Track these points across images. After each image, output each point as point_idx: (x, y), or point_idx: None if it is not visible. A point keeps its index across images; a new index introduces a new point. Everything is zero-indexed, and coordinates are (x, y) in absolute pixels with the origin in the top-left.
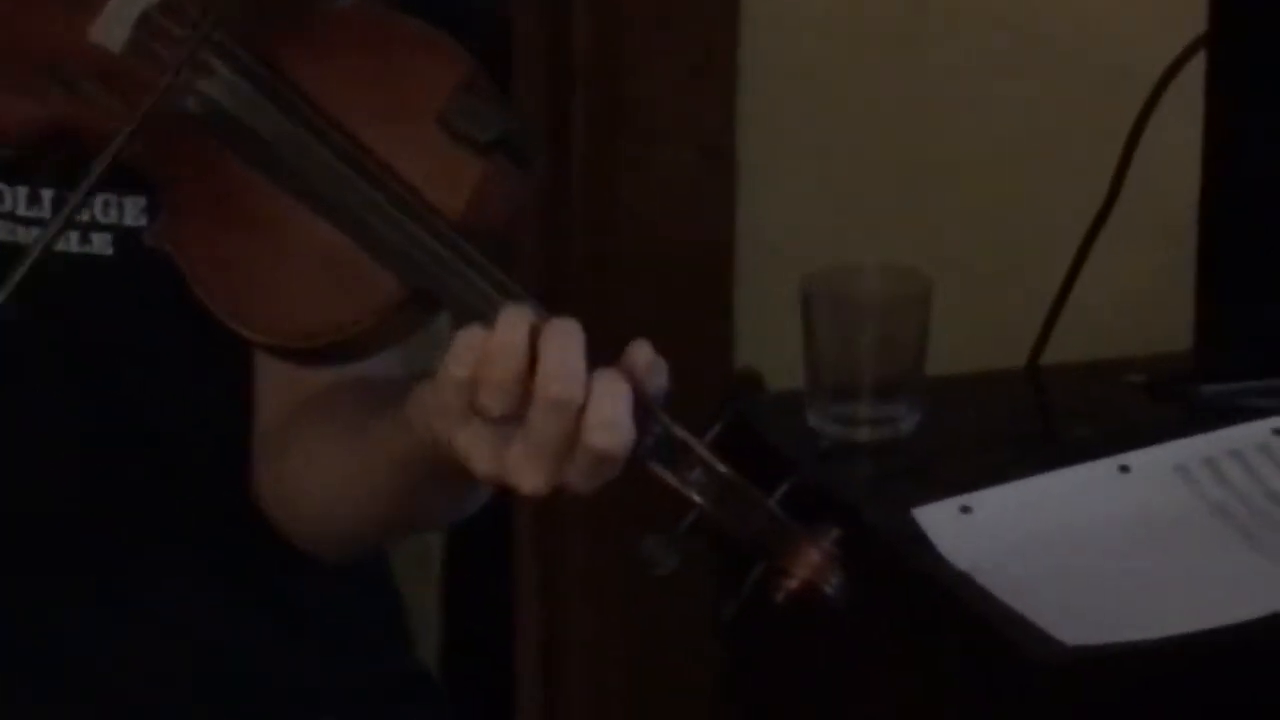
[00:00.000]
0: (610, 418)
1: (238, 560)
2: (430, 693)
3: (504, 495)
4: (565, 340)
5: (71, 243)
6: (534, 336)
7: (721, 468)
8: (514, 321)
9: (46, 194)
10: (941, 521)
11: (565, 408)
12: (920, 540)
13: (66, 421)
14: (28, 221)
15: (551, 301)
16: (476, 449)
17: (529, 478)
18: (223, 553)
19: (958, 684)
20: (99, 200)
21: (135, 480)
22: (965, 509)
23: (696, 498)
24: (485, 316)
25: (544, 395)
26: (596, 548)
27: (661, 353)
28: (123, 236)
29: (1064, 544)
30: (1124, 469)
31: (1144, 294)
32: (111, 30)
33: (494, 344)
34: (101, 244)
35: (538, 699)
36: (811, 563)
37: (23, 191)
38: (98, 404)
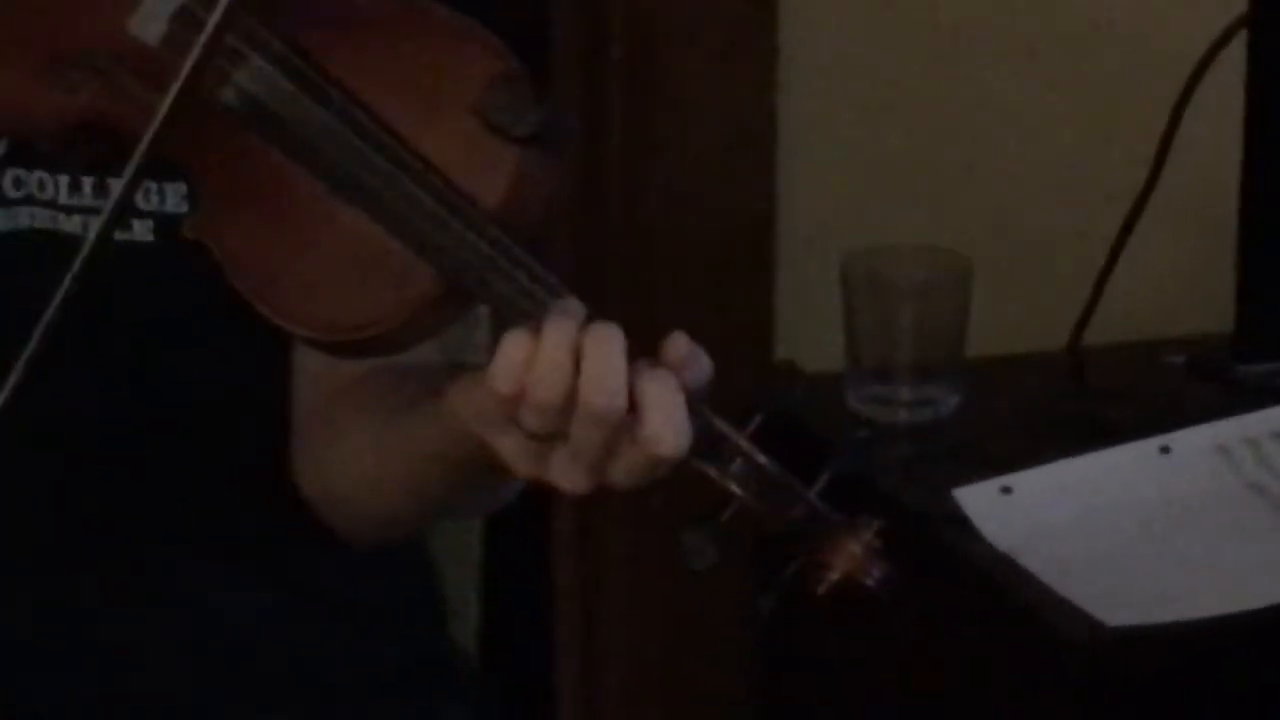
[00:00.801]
0: (668, 424)
1: (271, 545)
2: (466, 676)
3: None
4: (607, 349)
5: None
6: (578, 342)
7: (761, 459)
8: (559, 340)
9: (87, 182)
10: (982, 502)
11: (606, 419)
12: (960, 521)
13: (104, 406)
14: (69, 209)
15: (589, 285)
16: (519, 455)
17: (571, 481)
18: (257, 538)
19: (997, 664)
20: (140, 187)
21: (171, 465)
22: (1005, 490)
23: (736, 490)
24: (523, 310)
25: (586, 408)
26: (636, 534)
27: (700, 335)
28: (163, 223)
29: (1104, 525)
30: (1164, 450)
31: (1184, 275)
32: (148, 24)
33: (540, 365)
34: (142, 230)
35: (576, 683)
36: (852, 555)
37: (64, 180)
38: (136, 389)
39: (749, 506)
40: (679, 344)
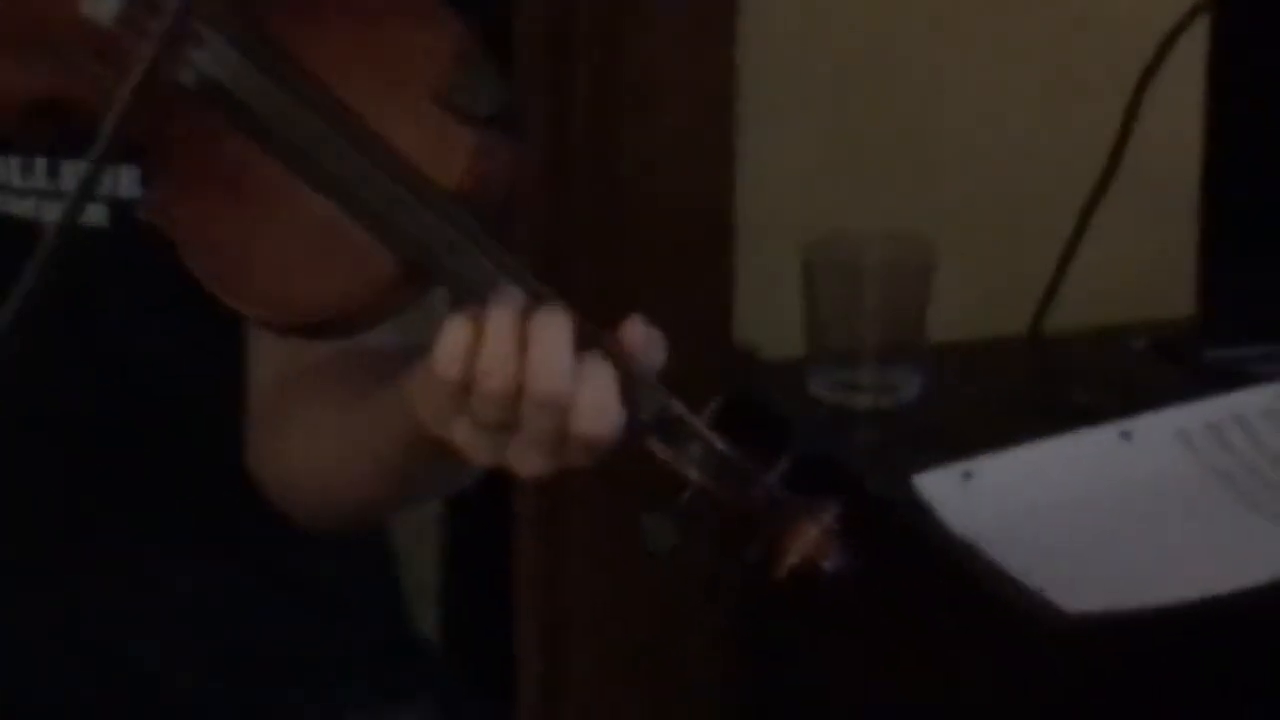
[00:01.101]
0: (596, 404)
1: (236, 532)
2: (430, 663)
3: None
4: (552, 334)
5: None
6: (522, 328)
7: (719, 444)
8: (502, 329)
9: (40, 164)
10: (943, 488)
11: (554, 403)
12: (922, 507)
13: (64, 395)
14: (22, 192)
15: (550, 269)
16: (473, 443)
17: (530, 465)
18: (221, 524)
19: (959, 650)
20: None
21: (133, 453)
22: (967, 475)
23: (694, 474)
24: (480, 293)
25: (532, 393)
26: (597, 519)
27: (661, 318)
28: (118, 207)
29: (1066, 510)
30: (1125, 435)
31: (1147, 259)
32: (102, 4)
33: (485, 356)
34: (97, 216)
35: (538, 670)
36: (810, 538)
37: (15, 162)
38: (94, 377)
39: (707, 489)
40: (637, 327)
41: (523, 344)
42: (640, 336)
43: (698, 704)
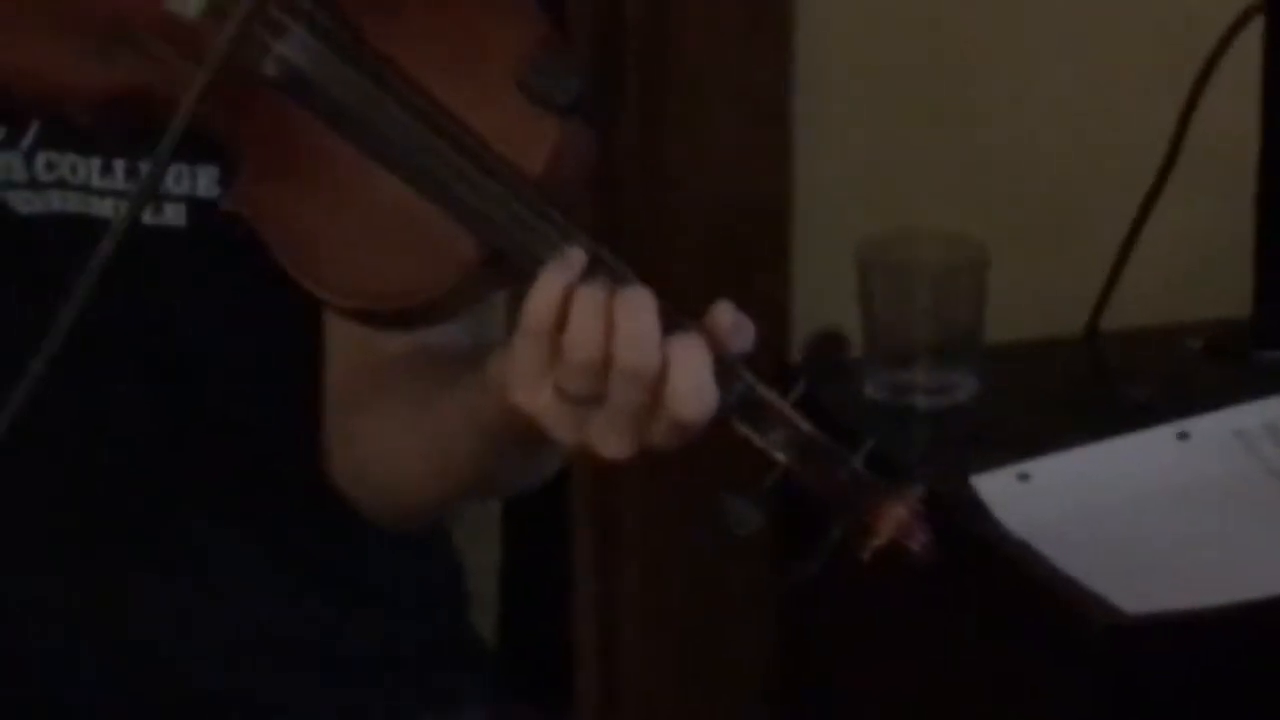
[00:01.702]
0: (693, 385)
1: (295, 528)
2: (486, 665)
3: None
4: (639, 309)
5: (145, 214)
6: (609, 301)
7: (805, 426)
8: (591, 299)
9: (119, 165)
10: (1000, 489)
11: (641, 376)
12: (978, 508)
13: (135, 394)
14: (101, 193)
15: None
16: (558, 420)
17: (612, 445)
18: (280, 521)
19: (1016, 651)
20: (172, 171)
21: (200, 452)
22: (1023, 476)
23: (780, 456)
24: None
25: (620, 365)
26: (653, 515)
27: None
28: (196, 207)
29: (1123, 511)
30: (1183, 435)
31: (1203, 259)
32: None
33: (574, 326)
34: (175, 215)
35: (594, 666)
36: (899, 519)
37: (96, 163)
38: (167, 375)
39: (793, 472)
40: (726, 311)
41: (610, 315)
42: (729, 321)
43: (753, 705)
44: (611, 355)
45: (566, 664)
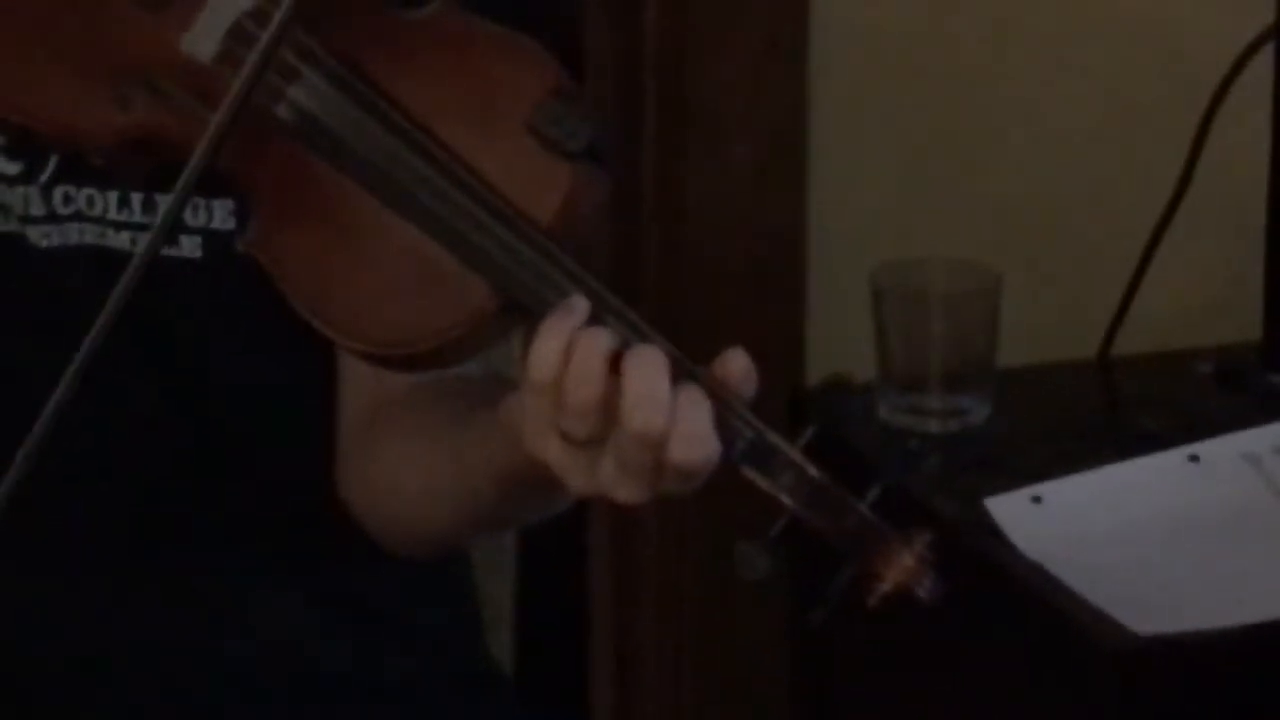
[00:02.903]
0: (692, 434)
1: (312, 559)
2: (504, 693)
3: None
4: (648, 368)
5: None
6: (617, 358)
7: (813, 471)
8: (593, 346)
9: (136, 198)
10: (1013, 512)
11: (650, 435)
12: (992, 531)
13: (151, 421)
14: (118, 225)
15: (623, 296)
16: (570, 468)
17: (625, 493)
18: (298, 552)
19: (1029, 673)
20: (188, 204)
21: (215, 480)
22: (1036, 499)
23: (788, 501)
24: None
25: (629, 425)
26: (670, 548)
27: (732, 347)
28: (211, 239)
29: (1135, 533)
30: (1194, 459)
31: (1213, 284)
32: (201, 41)
33: (575, 366)
34: (190, 246)
35: (611, 698)
36: (905, 566)
37: (113, 196)
38: (182, 404)
39: (801, 517)
40: (739, 359)
41: (617, 366)
42: (740, 368)
43: None
44: (621, 416)
45: (583, 693)
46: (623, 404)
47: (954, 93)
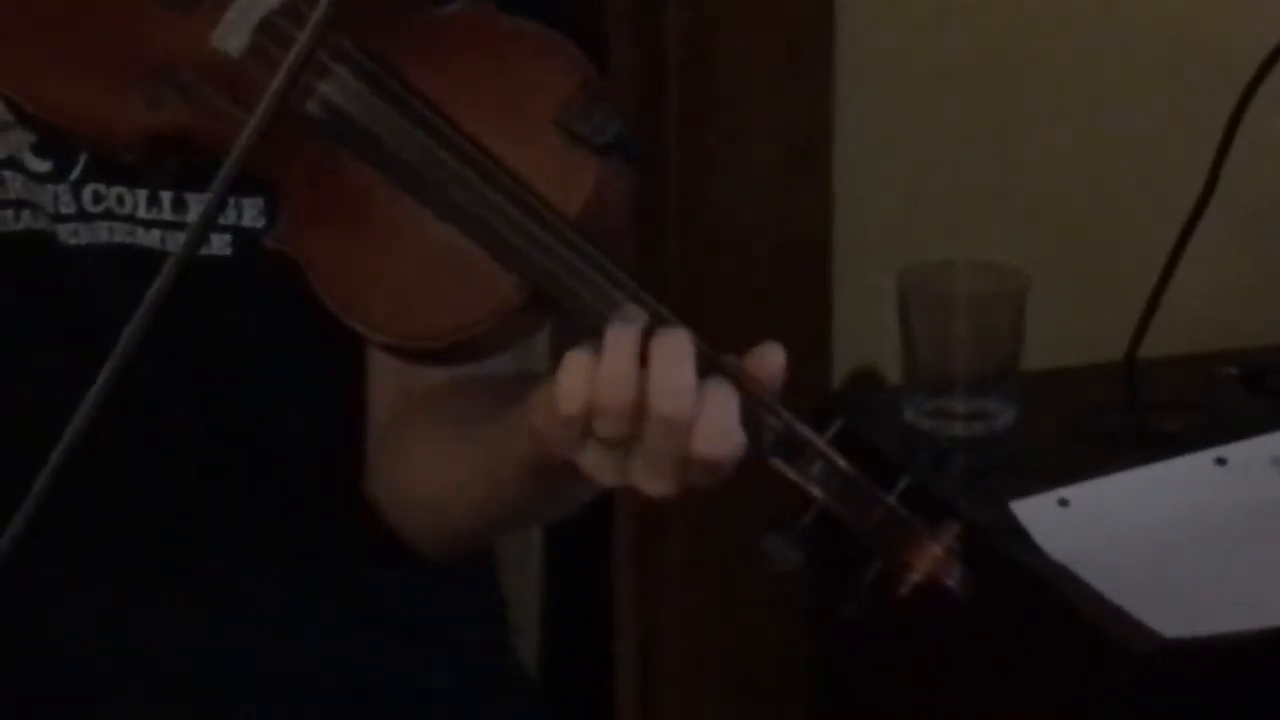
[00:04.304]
0: (716, 428)
1: (334, 558)
2: (526, 692)
3: (606, 492)
4: (674, 354)
5: None
6: (644, 347)
7: (842, 463)
8: (620, 347)
9: (166, 196)
10: (1039, 515)
11: (677, 422)
12: (1018, 533)
13: (177, 419)
14: (148, 224)
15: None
16: (599, 466)
17: (653, 485)
18: (320, 550)
19: (1055, 675)
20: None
21: (241, 479)
22: (1063, 502)
23: (817, 493)
24: (605, 317)
25: (655, 412)
26: (694, 546)
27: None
28: (241, 237)
29: (1161, 536)
30: (1220, 461)
31: (1240, 287)
32: (231, 36)
33: (604, 373)
34: (220, 245)
35: (636, 697)
36: (934, 557)
37: (143, 195)
38: (209, 403)
39: (830, 509)
40: (775, 354)
41: (643, 362)
42: (776, 364)
43: None
44: (646, 404)
45: (608, 695)
46: (649, 393)
47: (979, 95)
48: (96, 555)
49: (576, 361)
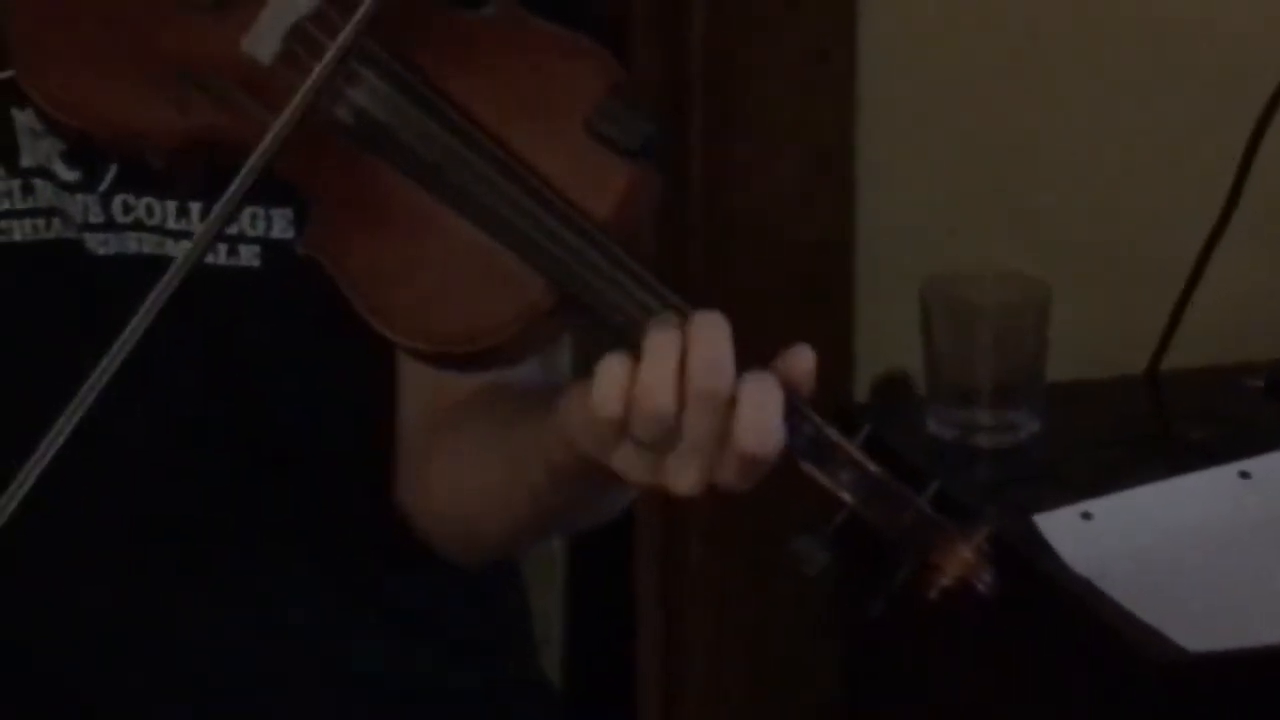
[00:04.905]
0: (761, 421)
1: (364, 570)
2: (551, 702)
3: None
4: (712, 333)
5: (220, 255)
6: (681, 342)
7: (872, 467)
8: (662, 351)
9: (195, 207)
10: (1062, 528)
11: (714, 401)
12: (1041, 546)
13: (208, 430)
14: (177, 235)
15: None
16: (633, 467)
17: (684, 480)
18: (349, 562)
19: (1079, 689)
20: (247, 213)
21: (269, 488)
22: (1086, 515)
23: (847, 497)
24: (635, 321)
25: (693, 389)
26: (717, 553)
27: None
28: (270, 248)
29: (1185, 549)
30: (1244, 474)
31: (1264, 298)
32: (262, 42)
33: (645, 379)
34: (249, 256)
35: (658, 705)
36: (965, 559)
37: (172, 205)
38: (240, 412)
39: (860, 513)
40: (805, 355)
41: (682, 358)
42: (807, 365)
43: None
44: (686, 385)
45: (631, 705)
46: (687, 370)
47: (1003, 106)
48: (113, 559)
49: (615, 366)
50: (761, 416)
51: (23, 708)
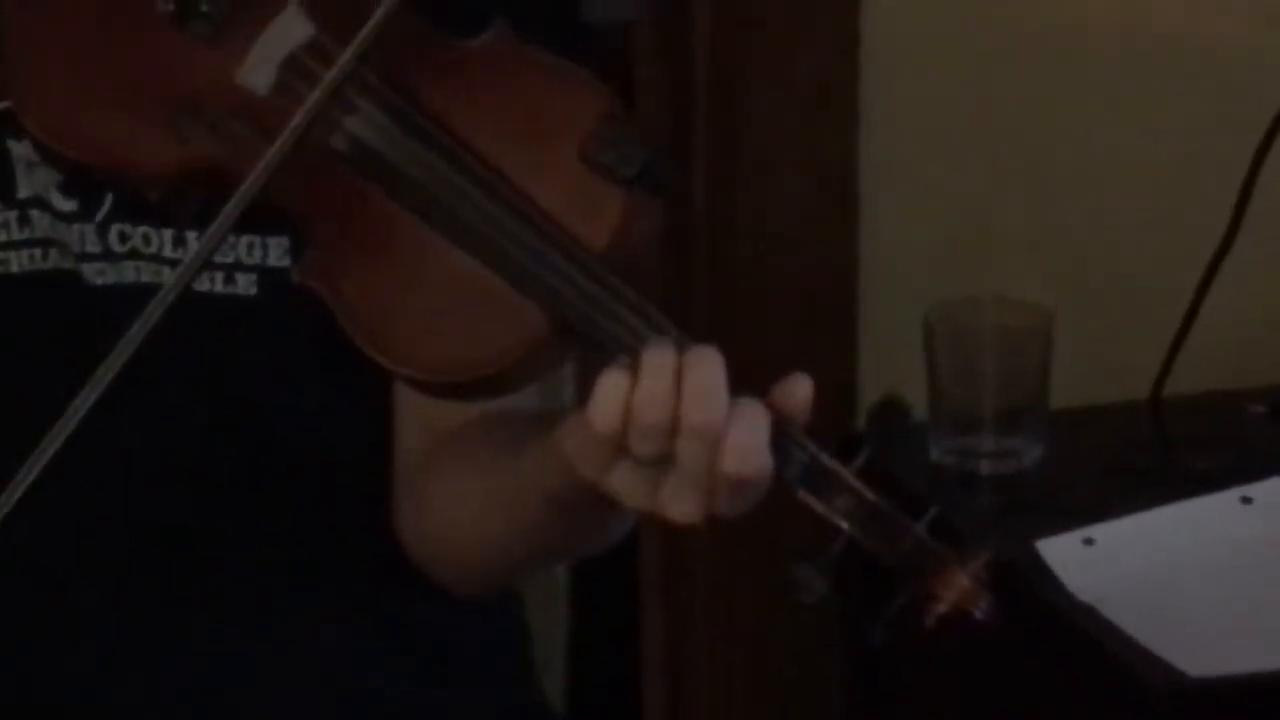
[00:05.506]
0: (746, 445)
1: (366, 593)
2: None
3: (632, 529)
4: (707, 367)
5: (217, 283)
6: (678, 364)
7: (870, 495)
8: (659, 367)
9: (192, 236)
10: (1065, 554)
11: (708, 434)
12: (1043, 572)
13: (207, 459)
14: (174, 264)
15: None
16: (629, 488)
17: (682, 509)
18: (351, 585)
19: (1081, 713)
20: (243, 241)
21: (270, 516)
22: (1088, 541)
23: (844, 524)
24: (631, 349)
25: (688, 422)
26: (722, 580)
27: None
28: (267, 276)
29: (1187, 575)
30: (1246, 500)
31: (1266, 324)
32: (257, 73)
33: (642, 394)
34: (246, 284)
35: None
36: (961, 587)
37: (168, 234)
38: (238, 441)
39: (857, 540)
40: (803, 384)
41: (679, 378)
42: (801, 393)
43: None
44: (679, 415)
45: None
46: (681, 403)
47: (1006, 131)
48: (113, 573)
49: (613, 380)
50: (747, 441)
51: (22, 713)
